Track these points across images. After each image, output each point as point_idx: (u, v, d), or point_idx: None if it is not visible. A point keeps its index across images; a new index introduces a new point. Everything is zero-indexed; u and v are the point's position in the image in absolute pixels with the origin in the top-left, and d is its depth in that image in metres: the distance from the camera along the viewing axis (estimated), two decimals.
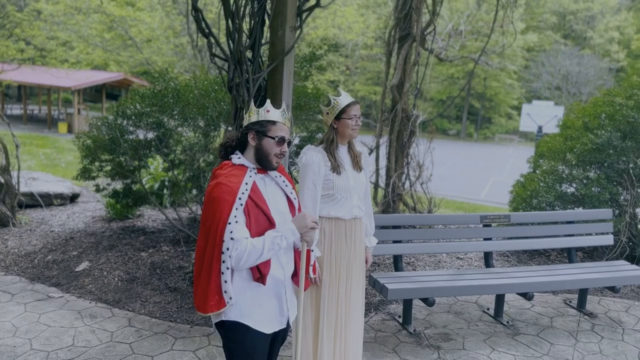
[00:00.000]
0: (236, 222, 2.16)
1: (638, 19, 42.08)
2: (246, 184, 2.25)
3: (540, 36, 42.26)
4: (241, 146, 2.41)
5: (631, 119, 5.90)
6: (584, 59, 38.65)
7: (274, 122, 2.32)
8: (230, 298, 2.21)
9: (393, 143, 7.17)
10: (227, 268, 2.18)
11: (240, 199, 2.20)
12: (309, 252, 2.49)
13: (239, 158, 2.35)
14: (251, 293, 2.27)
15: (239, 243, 2.15)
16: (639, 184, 5.92)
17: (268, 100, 2.40)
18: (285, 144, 2.34)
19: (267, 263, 2.27)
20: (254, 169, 2.34)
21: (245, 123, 2.38)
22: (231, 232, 2.15)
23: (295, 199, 2.46)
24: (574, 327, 4.48)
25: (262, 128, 2.32)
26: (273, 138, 2.31)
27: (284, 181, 2.43)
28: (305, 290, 2.57)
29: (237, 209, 2.18)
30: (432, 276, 4.33)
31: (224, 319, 2.27)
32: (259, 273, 2.24)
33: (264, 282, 2.26)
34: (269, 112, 2.33)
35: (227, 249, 2.15)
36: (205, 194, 2.27)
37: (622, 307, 5.01)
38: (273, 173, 2.41)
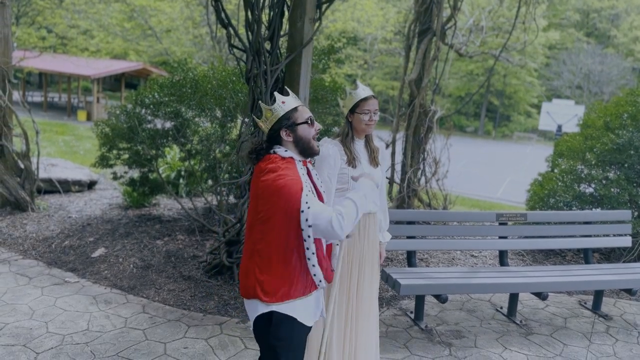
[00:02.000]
0: (308, 208, 2.12)
1: None
2: (302, 174, 2.24)
3: (563, 34, 41.56)
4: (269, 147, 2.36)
5: None
6: (607, 57, 37.97)
7: (295, 109, 2.28)
8: (320, 281, 2.28)
9: (409, 138, 7.13)
10: (313, 253, 2.20)
11: (306, 186, 2.18)
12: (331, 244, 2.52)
13: (286, 151, 2.29)
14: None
15: (325, 216, 2.14)
16: None
17: (276, 93, 2.34)
18: (316, 122, 2.34)
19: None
20: (299, 161, 2.31)
21: (267, 126, 2.30)
22: (306, 219, 2.12)
23: (324, 192, 2.48)
24: (588, 329, 4.43)
25: (289, 120, 2.27)
26: (305, 122, 2.28)
27: (315, 174, 2.45)
28: (329, 282, 2.55)
29: (307, 194, 2.14)
30: (446, 273, 4.30)
31: (275, 309, 2.22)
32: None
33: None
34: (285, 102, 2.28)
35: (309, 236, 2.15)
36: (264, 187, 2.18)
37: (638, 309, 4.94)
38: (310, 165, 2.41)
